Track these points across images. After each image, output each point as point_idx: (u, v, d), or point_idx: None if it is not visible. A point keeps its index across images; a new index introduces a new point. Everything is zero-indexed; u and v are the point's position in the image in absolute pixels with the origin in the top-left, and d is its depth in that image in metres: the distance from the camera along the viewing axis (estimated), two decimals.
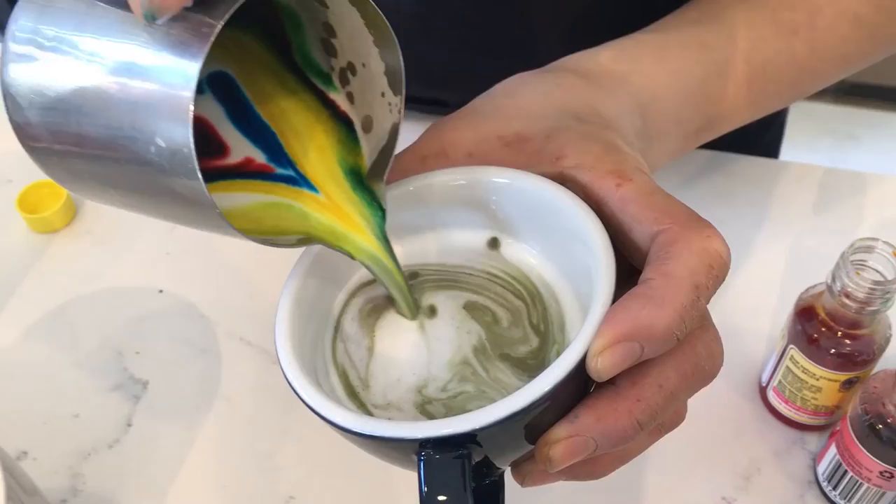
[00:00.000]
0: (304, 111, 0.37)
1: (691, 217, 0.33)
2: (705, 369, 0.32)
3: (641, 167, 0.35)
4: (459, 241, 0.38)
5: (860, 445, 0.44)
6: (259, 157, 0.36)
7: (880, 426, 0.43)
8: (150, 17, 0.25)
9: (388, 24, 0.32)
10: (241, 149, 0.36)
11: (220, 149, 0.35)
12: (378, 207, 0.35)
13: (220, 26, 0.27)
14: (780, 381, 0.50)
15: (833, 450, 0.47)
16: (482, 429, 0.28)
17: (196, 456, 0.51)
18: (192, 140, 0.27)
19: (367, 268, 0.35)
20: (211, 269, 0.60)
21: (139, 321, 0.57)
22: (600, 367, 0.29)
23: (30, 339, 0.57)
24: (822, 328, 0.46)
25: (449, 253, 0.38)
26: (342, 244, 0.35)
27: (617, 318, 0.29)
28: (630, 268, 0.34)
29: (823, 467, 0.48)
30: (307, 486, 0.50)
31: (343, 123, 0.37)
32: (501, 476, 0.33)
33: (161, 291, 0.59)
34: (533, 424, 0.30)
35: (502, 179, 0.36)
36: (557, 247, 0.36)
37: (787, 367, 0.49)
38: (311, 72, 0.36)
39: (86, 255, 0.61)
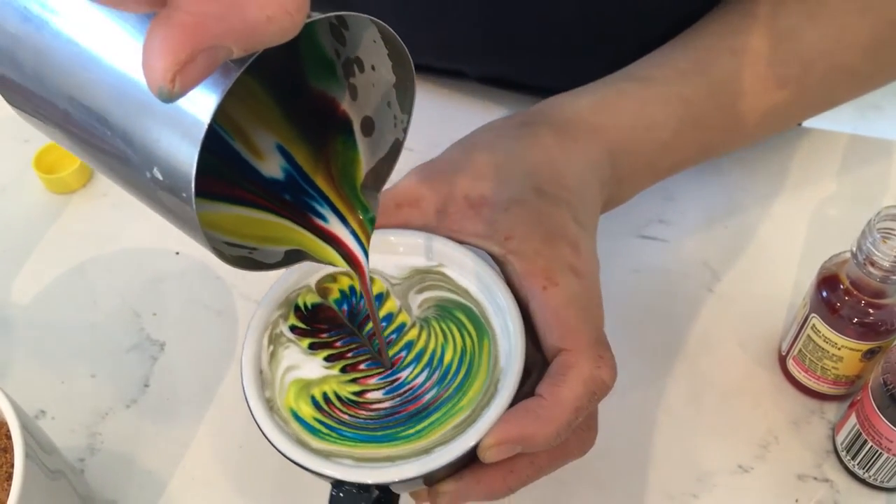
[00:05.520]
0: (308, 119, 0.37)
1: (591, 343, 0.39)
2: (574, 452, 0.40)
3: (575, 264, 0.41)
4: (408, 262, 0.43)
5: (881, 415, 0.44)
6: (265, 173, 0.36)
7: None
8: (167, 99, 0.23)
9: (405, 47, 0.31)
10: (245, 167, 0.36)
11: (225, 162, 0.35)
12: (369, 220, 0.38)
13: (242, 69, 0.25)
14: (800, 351, 0.49)
15: (853, 419, 0.46)
16: (390, 482, 0.37)
17: (212, 416, 0.52)
18: (195, 164, 0.26)
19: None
20: None
21: (156, 283, 0.57)
22: (486, 458, 0.37)
23: (47, 300, 0.57)
24: (845, 297, 0.46)
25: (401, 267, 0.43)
26: (329, 260, 0.38)
27: (508, 424, 0.37)
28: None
29: (842, 437, 0.48)
30: None
31: (343, 128, 0.37)
32: (398, 497, 0.40)
33: (177, 253, 0.58)
34: (430, 477, 0.38)
35: (456, 255, 0.42)
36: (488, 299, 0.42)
37: (808, 336, 0.48)
38: (312, 59, 0.35)
39: (102, 217, 0.61)
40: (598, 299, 0.42)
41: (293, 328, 0.41)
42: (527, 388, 0.39)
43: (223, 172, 0.36)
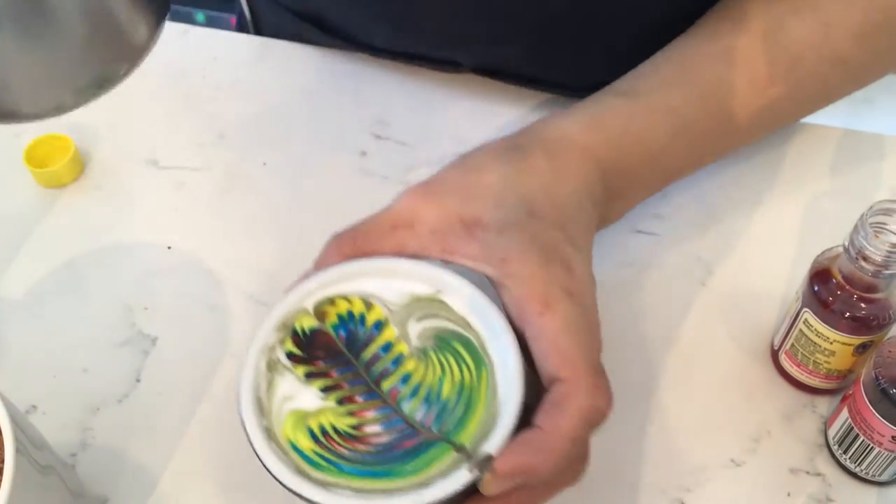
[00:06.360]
0: None
1: (587, 371, 0.39)
2: (568, 480, 0.41)
3: (568, 285, 0.41)
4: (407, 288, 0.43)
5: (873, 409, 0.44)
6: None
7: (893, 391, 0.43)
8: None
9: None
10: None
11: None
12: None
13: None
14: (792, 345, 0.49)
15: (844, 413, 0.47)
16: None
17: (204, 411, 0.51)
18: None
19: None
20: (219, 225, 0.59)
21: (148, 277, 0.57)
22: (488, 490, 0.38)
23: (39, 294, 0.57)
24: (837, 291, 0.46)
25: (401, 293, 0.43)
26: None
27: (509, 459, 0.37)
28: None
29: (834, 431, 0.48)
30: None
31: None
32: None
33: (170, 248, 0.58)
34: None
35: (455, 284, 0.42)
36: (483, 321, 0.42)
37: (801, 330, 0.48)
38: None
39: (94, 211, 0.61)
40: (594, 322, 0.42)
41: (290, 355, 0.41)
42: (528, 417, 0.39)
43: None
